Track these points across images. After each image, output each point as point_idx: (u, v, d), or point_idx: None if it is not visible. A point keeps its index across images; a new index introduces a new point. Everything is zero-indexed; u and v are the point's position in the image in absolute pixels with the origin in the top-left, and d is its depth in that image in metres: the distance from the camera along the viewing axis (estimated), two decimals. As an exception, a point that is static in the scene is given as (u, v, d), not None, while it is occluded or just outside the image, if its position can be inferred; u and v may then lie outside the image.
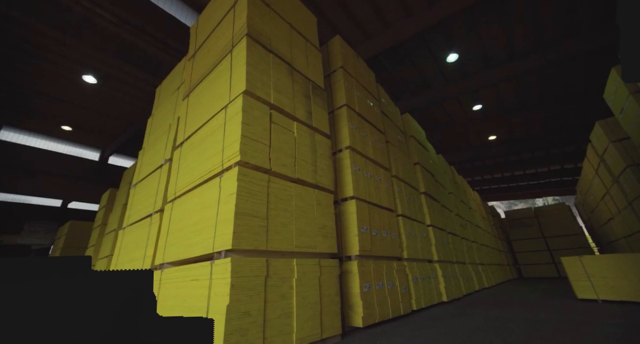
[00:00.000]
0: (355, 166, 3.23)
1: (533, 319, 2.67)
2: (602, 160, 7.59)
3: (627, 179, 6.72)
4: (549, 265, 10.72)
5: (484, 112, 9.19)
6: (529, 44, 6.71)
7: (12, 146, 9.22)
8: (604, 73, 7.36)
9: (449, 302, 4.16)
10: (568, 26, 6.27)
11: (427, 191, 4.97)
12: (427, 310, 3.50)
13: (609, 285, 3.76)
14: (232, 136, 2.18)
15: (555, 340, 1.97)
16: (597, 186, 8.95)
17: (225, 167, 2.16)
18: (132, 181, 4.11)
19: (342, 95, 3.64)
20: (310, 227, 2.38)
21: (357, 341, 2.17)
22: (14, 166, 9.38)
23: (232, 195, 1.94)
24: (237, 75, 2.43)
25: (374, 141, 3.93)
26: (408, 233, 3.84)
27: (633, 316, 2.67)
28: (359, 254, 2.75)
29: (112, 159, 11.39)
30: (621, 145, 6.39)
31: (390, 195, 3.84)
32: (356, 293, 2.56)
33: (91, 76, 6.89)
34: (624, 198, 7.24)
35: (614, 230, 9.23)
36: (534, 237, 11.39)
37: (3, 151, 9.05)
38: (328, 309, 2.20)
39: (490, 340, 2.04)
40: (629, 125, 5.49)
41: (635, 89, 4.95)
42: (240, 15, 2.72)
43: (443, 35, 6.51)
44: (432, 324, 2.65)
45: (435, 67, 7.42)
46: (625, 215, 7.74)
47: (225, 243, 1.83)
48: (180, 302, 2.04)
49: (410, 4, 5.76)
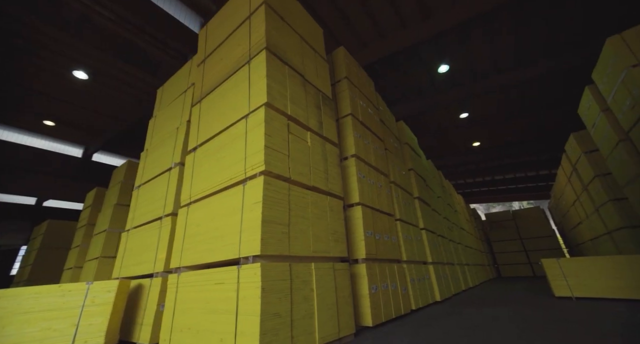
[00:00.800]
0: (360, 173, 3.41)
1: (522, 316, 2.95)
2: (575, 169, 8.22)
3: (595, 188, 7.33)
4: (525, 265, 11.43)
5: (470, 120, 9.68)
6: (512, 61, 7.19)
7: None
8: (579, 89, 7.98)
9: (441, 301, 4.43)
10: (547, 46, 6.78)
11: (420, 196, 5.24)
12: (423, 310, 3.74)
13: (582, 284, 4.17)
14: (254, 145, 2.29)
15: (546, 334, 2.23)
16: (569, 192, 9.66)
17: (248, 175, 2.26)
18: (135, 182, 4.09)
19: (347, 104, 3.81)
20: (324, 233, 2.53)
21: (369, 339, 2.35)
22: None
23: (258, 203, 2.05)
24: (257, 86, 2.54)
25: (375, 148, 4.13)
26: (405, 237, 4.07)
27: (603, 310, 3.01)
28: (366, 257, 2.93)
29: (96, 156, 10.98)
30: (592, 156, 6.97)
31: (390, 200, 4.05)
32: (365, 294, 2.74)
33: (82, 72, 6.67)
34: (592, 205, 7.88)
35: (582, 233, 9.97)
36: (512, 238, 12.10)
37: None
38: (343, 310, 2.36)
39: (489, 335, 2.27)
40: (599, 139, 6.02)
41: (604, 107, 5.45)
42: (257, 28, 2.82)
43: (436, 47, 6.84)
44: (432, 323, 2.88)
45: (427, 76, 7.76)
46: (592, 220, 8.42)
47: (253, 249, 1.94)
48: (203, 304, 2.13)
49: (406, 17, 6.03)
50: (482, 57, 7.14)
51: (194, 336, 2.09)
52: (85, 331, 2.47)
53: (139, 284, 3.02)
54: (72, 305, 2.54)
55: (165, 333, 2.38)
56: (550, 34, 6.48)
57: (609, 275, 4.01)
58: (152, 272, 2.96)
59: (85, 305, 2.56)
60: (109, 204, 6.85)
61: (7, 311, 2.41)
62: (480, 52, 7.00)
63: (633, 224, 6.05)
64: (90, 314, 2.53)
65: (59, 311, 2.49)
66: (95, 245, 6.58)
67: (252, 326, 1.72)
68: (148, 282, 2.94)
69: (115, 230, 6.47)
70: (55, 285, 2.59)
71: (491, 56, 7.12)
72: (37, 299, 2.50)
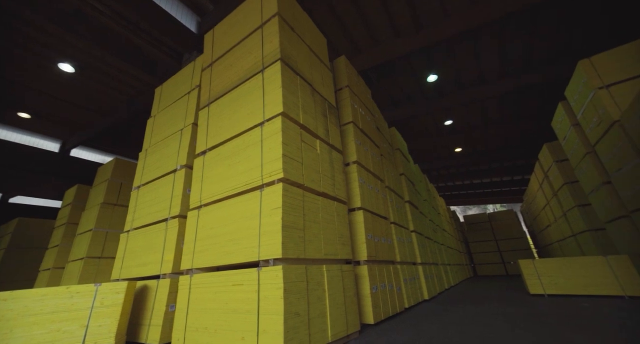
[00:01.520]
0: (361, 179, 3.60)
1: (505, 312, 3.27)
2: (546, 176, 8.91)
3: (563, 194, 8.00)
4: (499, 265, 12.20)
5: (453, 127, 10.20)
6: (495, 74, 7.69)
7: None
8: (553, 102, 8.67)
9: (429, 300, 4.73)
10: (526, 62, 7.33)
11: (410, 200, 5.54)
12: (414, 308, 4.01)
13: (553, 282, 4.62)
14: (272, 153, 2.41)
15: (531, 327, 2.53)
16: (540, 197, 10.43)
17: (265, 182, 2.38)
18: (134, 183, 4.04)
19: (349, 112, 4.00)
20: (333, 236, 2.70)
21: (373, 335, 2.54)
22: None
23: (278, 209, 2.18)
24: (272, 96, 2.66)
25: (373, 155, 4.35)
26: (399, 239, 4.32)
27: (571, 305, 3.40)
28: (367, 259, 3.13)
29: (75, 151, 10.48)
30: (562, 165, 7.61)
31: (385, 204, 4.28)
32: (367, 294, 2.94)
33: (68, 64, 6.39)
34: (560, 209, 8.58)
35: (550, 235, 10.79)
36: (488, 240, 12.86)
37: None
38: (350, 309, 2.54)
39: (482, 330, 2.53)
40: (568, 150, 6.60)
41: (575, 122, 5.99)
42: (270, 38, 2.93)
43: (426, 58, 7.19)
44: (426, 319, 3.13)
45: (416, 84, 8.13)
46: (560, 223, 9.15)
47: (274, 252, 2.07)
48: (221, 305, 2.23)
49: (400, 28, 6.32)
50: (467, 69, 7.58)
51: (212, 335, 2.19)
52: (95, 332, 2.48)
53: (144, 286, 3.04)
54: (81, 307, 2.54)
55: (178, 332, 2.45)
56: (528, 51, 7.02)
57: (576, 274, 4.48)
58: (159, 273, 2.99)
59: (94, 306, 2.57)
60: (94, 203, 6.64)
61: (15, 313, 2.38)
62: (466, 65, 7.44)
63: (595, 227, 6.69)
64: (99, 315, 2.55)
65: (68, 313, 2.49)
66: (79, 245, 6.35)
67: (276, 325, 1.86)
68: (154, 283, 2.97)
69: (102, 229, 6.29)
70: (63, 287, 2.57)
71: (476, 69, 7.58)
72: (44, 301, 2.48)
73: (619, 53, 4.60)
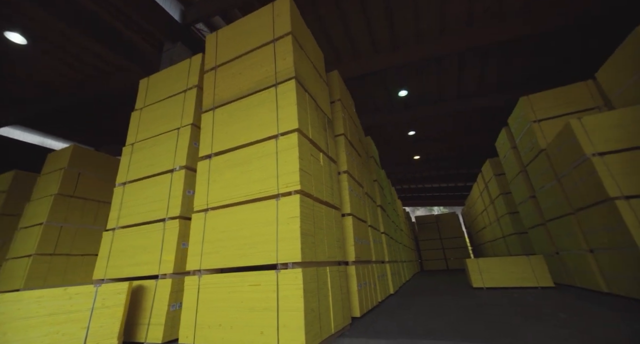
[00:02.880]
0: (350, 187, 4.01)
1: (459, 303, 4.00)
2: (487, 186, 10.42)
3: (498, 203, 9.46)
4: (442, 260, 13.86)
5: (415, 137, 11.27)
6: (453, 94, 8.77)
7: None
8: (499, 123, 10.13)
9: (394, 294, 5.40)
10: (479, 88, 8.51)
11: (381, 204, 6.15)
12: (385, 301, 4.59)
13: (491, 277, 5.63)
14: (288, 166, 2.66)
15: (482, 313, 3.21)
16: (479, 203, 12.12)
17: (281, 192, 2.63)
18: (117, 178, 3.87)
19: (340, 125, 4.36)
20: (333, 241, 3.05)
21: (361, 325, 2.98)
22: None
23: (296, 218, 2.46)
24: (286, 112, 2.89)
25: (357, 164, 4.79)
26: (374, 240, 4.86)
27: (505, 295, 4.30)
28: (355, 260, 3.56)
29: (5, 130, 9.05)
30: (500, 179, 9.00)
31: (365, 209, 4.77)
32: (354, 290, 3.36)
33: (18, 35, 5.59)
34: (495, 215, 10.12)
35: (484, 236, 12.61)
36: (434, 238, 14.48)
37: None
38: (344, 304, 2.93)
39: (446, 319, 3.14)
40: (506, 167, 7.88)
41: (513, 145, 7.20)
42: (284, 56, 3.14)
43: (400, 74, 7.90)
44: (400, 310, 3.69)
45: (387, 97, 8.84)
46: (493, 227, 10.77)
47: (293, 257, 2.35)
48: (237, 303, 2.44)
49: (379, 45, 6.88)
50: (431, 88, 8.52)
51: (228, 331, 2.39)
52: (97, 333, 2.48)
53: (139, 286, 3.04)
54: (81, 308, 2.50)
55: (187, 329, 2.58)
56: (481, 79, 8.17)
57: (507, 270, 5.54)
58: (158, 273, 3.02)
59: (95, 307, 2.55)
60: (45, 193, 5.99)
61: (7, 317, 2.27)
62: (430, 84, 8.36)
63: (520, 231, 8.13)
64: (101, 316, 2.54)
65: (67, 315, 2.44)
66: (23, 240, 5.71)
67: (297, 320, 2.16)
68: (151, 283, 3.00)
69: (56, 224, 5.75)
70: (60, 288, 2.49)
71: (438, 89, 8.56)
72: (40, 303, 2.39)
73: (550, 95, 5.74)
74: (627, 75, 4.37)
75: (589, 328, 2.49)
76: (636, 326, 2.50)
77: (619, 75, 4.55)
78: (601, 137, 3.95)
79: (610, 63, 4.67)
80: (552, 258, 5.80)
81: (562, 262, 5.46)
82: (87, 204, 6.38)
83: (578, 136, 4.14)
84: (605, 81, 4.85)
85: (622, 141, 3.81)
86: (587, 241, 4.55)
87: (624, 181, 3.64)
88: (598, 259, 4.32)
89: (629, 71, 4.34)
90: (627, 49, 4.34)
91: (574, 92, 5.56)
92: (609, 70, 4.76)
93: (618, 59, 4.55)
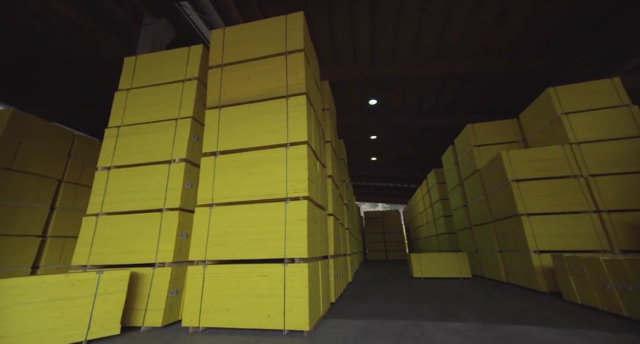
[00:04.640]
0: (333, 190, 4.54)
1: (407, 290, 4.92)
2: (429, 191, 12.00)
3: (437, 206, 11.03)
4: (383, 252, 15.54)
5: (375, 141, 12.30)
6: (414, 109, 9.89)
7: None
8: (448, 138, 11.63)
9: (352, 282, 6.19)
10: (434, 107, 9.76)
11: (347, 202, 6.85)
12: (348, 288, 5.31)
13: (427, 269, 6.84)
14: (297, 174, 3.04)
15: (425, 297, 4.10)
16: (420, 205, 13.87)
17: (290, 196, 3.00)
18: (100, 161, 3.69)
19: (329, 132, 4.82)
20: (323, 239, 3.56)
21: (340, 308, 3.59)
22: None
23: (303, 220, 2.88)
24: (296, 124, 3.23)
25: (335, 166, 5.33)
26: (342, 236, 5.52)
27: (438, 284, 5.41)
28: (334, 254, 4.14)
29: None
30: (441, 186, 10.51)
31: (342, 209, 5.37)
32: (332, 280, 3.95)
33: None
34: (432, 216, 11.78)
35: (420, 233, 14.50)
36: (378, 232, 16.09)
37: None
38: (327, 291, 3.49)
39: (401, 301, 3.95)
40: (448, 178, 9.30)
41: (456, 161, 8.55)
42: (295, 71, 3.44)
43: (374, 85, 8.61)
44: (364, 296, 4.42)
45: (358, 103, 9.52)
46: (429, 226, 12.50)
47: (300, 253, 2.79)
48: (245, 291, 2.78)
49: (359, 57, 7.45)
50: (395, 101, 9.47)
51: (235, 315, 2.74)
52: (101, 318, 2.58)
53: (134, 273, 3.11)
54: (84, 294, 2.55)
55: (191, 314, 2.83)
56: (436, 101, 9.40)
57: (439, 263, 6.79)
58: (154, 262, 3.13)
59: (97, 294, 2.62)
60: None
61: (9, 301, 2.22)
62: (396, 98, 9.29)
63: (450, 231, 9.73)
64: (104, 301, 2.63)
65: (69, 300, 2.48)
66: (-56, 215, 4.87)
67: (302, 305, 2.62)
68: (147, 271, 3.11)
69: (-10, 199, 5.03)
70: (61, 275, 2.49)
71: (401, 103, 9.56)
72: (42, 288, 2.39)
73: (490, 126, 7.05)
74: (538, 123, 5.78)
75: (497, 308, 3.52)
76: (523, 305, 3.61)
77: (534, 121, 5.95)
78: (519, 168, 5.20)
79: (529, 110, 6.08)
80: (472, 255, 7.29)
81: (478, 258, 6.93)
82: (29, 179, 5.65)
83: (505, 164, 5.33)
84: (524, 123, 6.29)
85: (533, 172, 5.09)
86: (498, 243, 5.93)
87: (528, 202, 4.91)
88: (504, 258, 5.70)
89: (539, 120, 5.73)
90: (539, 103, 5.71)
91: (505, 126, 6.96)
92: (527, 115, 6.17)
93: (533, 110, 5.95)
